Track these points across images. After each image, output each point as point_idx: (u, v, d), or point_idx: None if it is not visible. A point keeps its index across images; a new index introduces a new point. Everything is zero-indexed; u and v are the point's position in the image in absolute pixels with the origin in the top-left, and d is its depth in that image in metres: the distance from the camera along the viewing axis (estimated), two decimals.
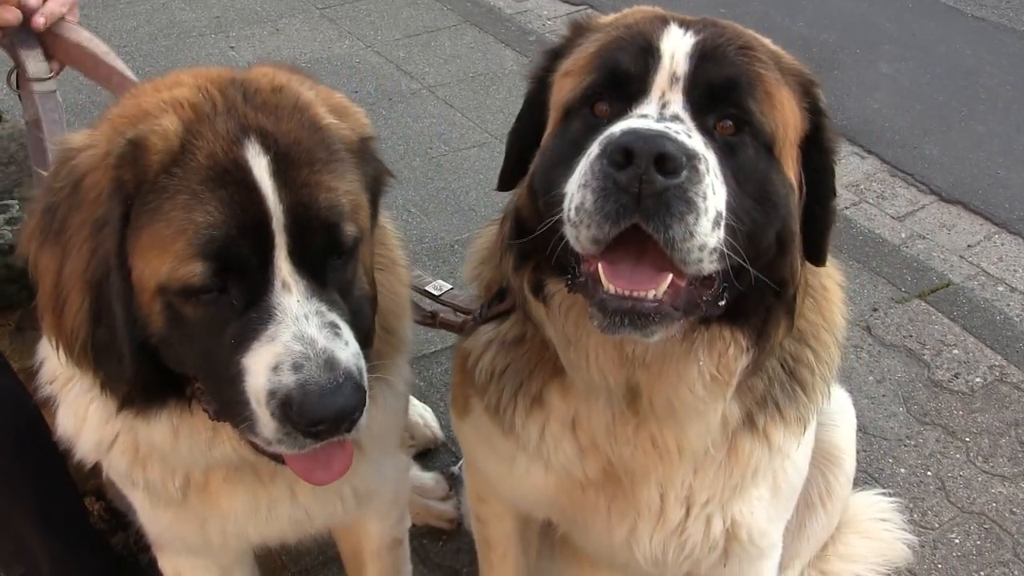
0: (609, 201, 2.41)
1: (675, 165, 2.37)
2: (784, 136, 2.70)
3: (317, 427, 2.57)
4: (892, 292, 6.78)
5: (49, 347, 3.23)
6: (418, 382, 5.85)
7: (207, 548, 3.48)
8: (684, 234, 2.40)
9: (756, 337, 2.82)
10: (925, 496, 5.33)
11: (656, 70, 2.63)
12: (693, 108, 2.60)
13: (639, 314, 2.52)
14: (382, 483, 3.67)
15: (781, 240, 2.72)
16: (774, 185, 2.68)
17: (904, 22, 10.39)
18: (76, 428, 3.20)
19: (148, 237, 2.61)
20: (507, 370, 3.22)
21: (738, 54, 2.68)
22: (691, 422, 2.98)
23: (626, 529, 3.28)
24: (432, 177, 7.85)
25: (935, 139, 8.58)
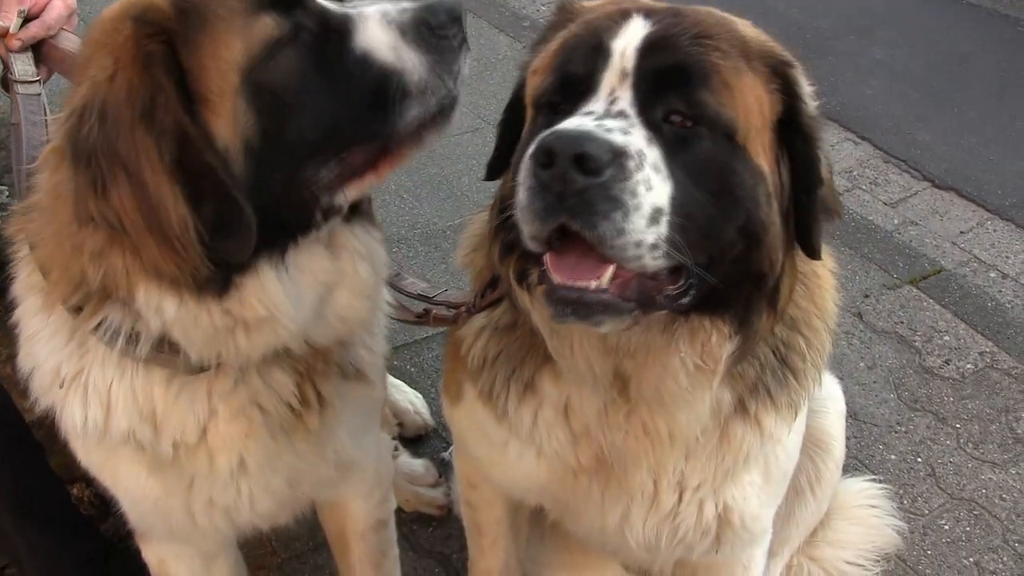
0: (538, 200, 2.44)
1: (595, 164, 2.38)
2: (748, 123, 2.64)
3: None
4: (884, 278, 6.78)
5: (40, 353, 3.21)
6: (409, 368, 5.86)
7: (189, 528, 3.44)
8: (613, 231, 2.41)
9: (738, 326, 2.80)
10: (915, 482, 5.34)
11: (605, 68, 2.62)
12: (640, 103, 2.58)
13: (584, 304, 2.55)
14: (362, 454, 3.64)
15: (750, 232, 2.68)
16: (736, 176, 2.63)
17: (898, 8, 10.41)
18: (101, 418, 3.10)
19: (209, 43, 2.65)
20: (500, 356, 3.22)
21: (691, 44, 2.62)
22: (680, 410, 2.97)
23: (619, 514, 3.28)
24: (425, 163, 7.82)
25: (928, 125, 8.59)
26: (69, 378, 3.12)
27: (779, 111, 2.74)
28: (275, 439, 3.21)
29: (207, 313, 2.77)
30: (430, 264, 6.70)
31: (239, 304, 2.78)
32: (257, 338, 2.88)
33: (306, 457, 3.35)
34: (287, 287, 2.82)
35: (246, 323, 2.82)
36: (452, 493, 4.91)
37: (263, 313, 2.81)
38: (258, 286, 2.77)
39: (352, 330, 3.12)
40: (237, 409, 3.10)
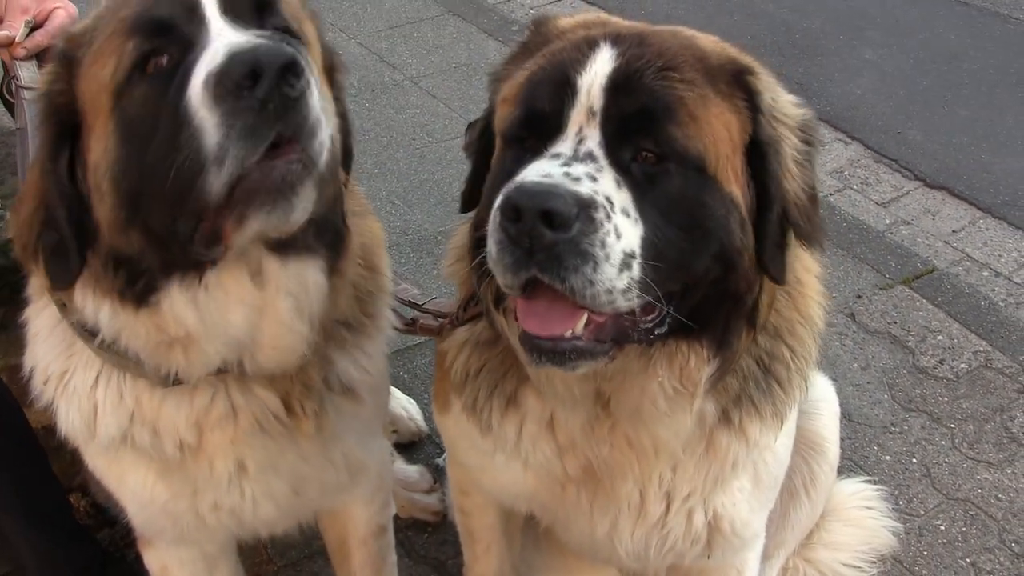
0: (507, 253, 2.46)
1: (562, 220, 2.38)
2: (717, 153, 2.62)
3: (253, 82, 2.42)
4: (876, 278, 6.78)
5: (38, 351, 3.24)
6: (402, 374, 5.86)
7: (198, 529, 3.47)
8: (583, 283, 2.42)
9: (717, 348, 2.80)
10: (910, 483, 5.33)
11: (572, 106, 2.60)
12: (608, 143, 2.57)
13: (557, 352, 2.58)
14: (369, 457, 3.68)
15: (725, 259, 2.67)
16: (707, 208, 2.62)
17: (887, 7, 10.40)
18: (88, 419, 3.18)
19: (90, 64, 2.74)
20: (482, 370, 3.22)
21: (656, 79, 2.60)
22: (661, 427, 2.97)
23: (607, 524, 3.28)
24: (415, 168, 7.84)
25: (919, 124, 8.58)
26: (56, 376, 3.20)
27: (749, 131, 2.73)
28: (273, 442, 3.23)
29: (142, 325, 2.86)
30: (422, 270, 6.70)
31: (160, 320, 2.85)
32: (191, 355, 2.93)
33: (311, 460, 3.37)
34: (203, 310, 2.84)
35: (174, 339, 2.89)
36: (447, 499, 4.91)
37: (179, 332, 2.87)
38: (170, 305, 2.82)
39: (288, 361, 3.03)
40: (221, 417, 3.13)
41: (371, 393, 3.42)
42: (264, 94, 2.41)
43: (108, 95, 2.71)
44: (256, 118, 2.43)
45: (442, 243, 6.69)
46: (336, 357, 3.28)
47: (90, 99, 2.77)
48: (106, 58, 2.72)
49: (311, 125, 2.51)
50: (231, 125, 2.43)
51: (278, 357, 2.99)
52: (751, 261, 2.73)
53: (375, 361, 3.40)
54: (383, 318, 3.48)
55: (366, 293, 3.37)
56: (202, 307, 2.83)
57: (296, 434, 3.24)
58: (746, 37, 9.34)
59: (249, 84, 2.40)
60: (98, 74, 2.73)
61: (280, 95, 2.43)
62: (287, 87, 2.43)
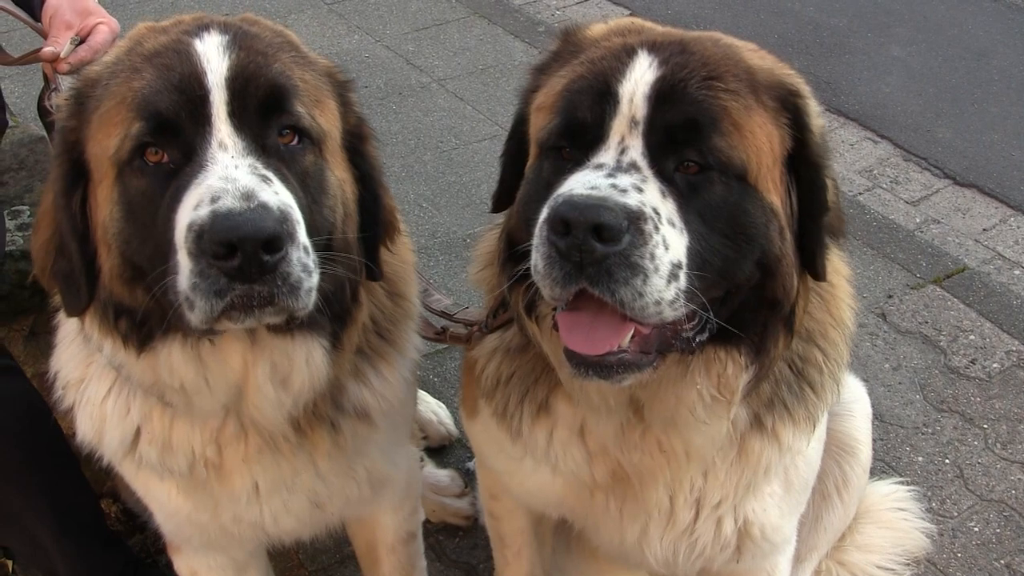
0: (555, 267, 2.46)
1: (613, 233, 2.39)
2: (759, 163, 2.64)
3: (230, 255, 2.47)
4: (907, 278, 6.74)
5: (62, 356, 3.28)
6: (432, 378, 5.87)
7: (224, 538, 3.51)
8: (633, 295, 2.43)
9: (755, 354, 2.81)
10: (943, 484, 5.30)
11: (614, 115, 2.59)
12: (652, 153, 2.56)
13: (604, 366, 2.58)
14: (394, 469, 3.69)
15: (764, 265, 2.69)
16: (749, 216, 2.63)
17: (915, 4, 10.33)
18: (97, 429, 3.23)
19: (96, 128, 2.79)
20: (513, 377, 3.22)
21: (701, 88, 2.61)
22: (695, 433, 2.97)
23: (637, 530, 3.28)
24: (443, 171, 7.84)
25: (948, 122, 8.52)
26: (74, 383, 3.26)
27: (789, 146, 2.74)
28: (286, 461, 3.25)
29: (140, 366, 2.93)
30: (451, 273, 6.71)
31: (157, 367, 2.91)
32: (187, 400, 2.98)
33: (330, 477, 3.38)
34: (196, 366, 2.90)
35: (168, 386, 2.94)
36: (477, 503, 4.91)
37: (172, 381, 2.93)
38: (167, 355, 2.88)
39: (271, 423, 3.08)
40: (231, 436, 3.16)
41: (385, 417, 3.40)
42: (237, 266, 2.47)
43: (112, 167, 2.77)
44: (227, 282, 2.50)
45: (470, 245, 6.68)
46: (348, 383, 3.27)
47: (95, 161, 2.84)
48: (111, 128, 2.77)
49: (289, 286, 2.56)
50: (203, 278, 2.51)
51: (261, 418, 3.05)
52: (789, 267, 2.73)
53: (392, 386, 3.38)
54: (406, 344, 3.46)
55: (388, 320, 3.37)
56: (199, 367, 2.90)
57: (313, 453, 3.26)
58: (773, 35, 9.35)
59: (224, 255, 2.46)
60: (103, 142, 2.79)
61: (257, 264, 2.49)
62: (267, 257, 2.49)
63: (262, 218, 2.48)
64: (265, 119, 2.76)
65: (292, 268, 2.54)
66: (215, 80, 2.72)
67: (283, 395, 2.98)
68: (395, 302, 3.40)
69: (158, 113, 2.70)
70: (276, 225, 2.48)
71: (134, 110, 2.73)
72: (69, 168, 2.89)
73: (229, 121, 2.69)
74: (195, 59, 2.75)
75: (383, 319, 3.34)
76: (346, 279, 2.96)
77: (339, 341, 3.03)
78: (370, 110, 8.37)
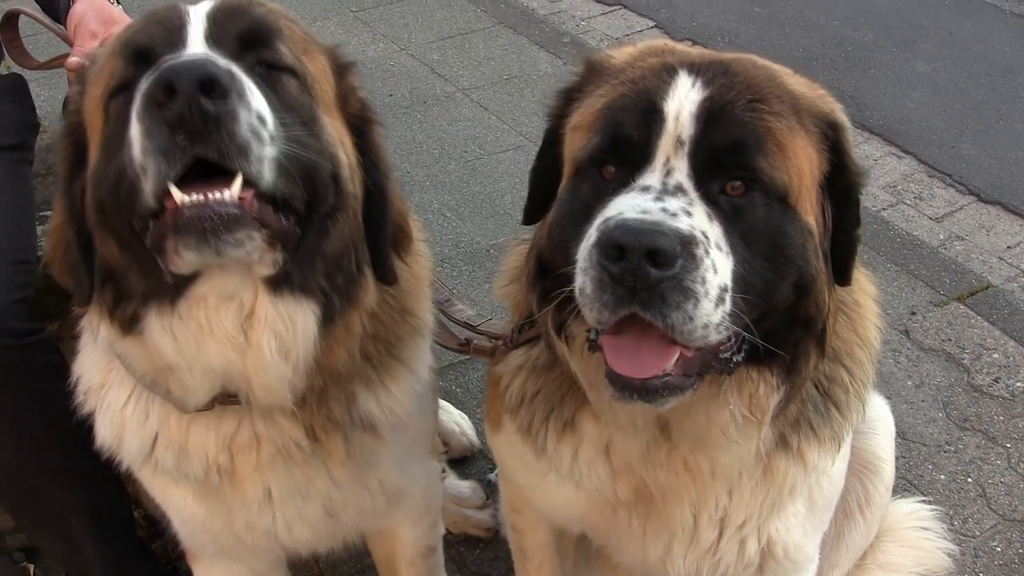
0: (606, 291, 2.44)
1: (668, 259, 2.38)
2: (799, 184, 2.64)
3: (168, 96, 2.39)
4: (930, 295, 6.73)
5: (84, 361, 3.30)
6: (454, 389, 5.88)
7: (238, 547, 3.51)
8: (684, 319, 2.43)
9: (786, 374, 2.80)
10: (966, 503, 5.29)
11: (660, 134, 2.58)
12: (698, 175, 2.56)
13: (648, 390, 2.57)
14: (410, 482, 3.68)
15: (801, 286, 2.69)
16: (789, 238, 2.63)
17: (940, 20, 10.32)
18: (116, 435, 3.25)
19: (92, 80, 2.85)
20: (538, 395, 3.22)
21: (747, 110, 2.60)
22: (724, 453, 2.97)
23: (660, 548, 3.27)
24: (467, 181, 7.85)
25: (973, 138, 8.50)
26: (95, 388, 3.28)
27: (826, 170, 2.75)
28: (299, 469, 3.24)
29: (135, 350, 2.93)
30: (474, 284, 6.72)
31: (146, 348, 2.89)
32: (182, 380, 2.95)
33: (344, 487, 3.37)
34: (179, 340, 2.84)
35: (163, 367, 2.93)
36: (499, 515, 4.92)
37: (160, 361, 2.91)
38: (150, 334, 2.84)
39: (276, 399, 2.99)
40: (244, 443, 3.16)
41: (394, 431, 3.37)
42: (177, 111, 2.39)
43: (99, 112, 2.78)
44: (171, 135, 2.42)
45: (494, 256, 6.74)
46: (360, 393, 3.25)
47: (88, 117, 2.84)
48: (101, 79, 2.79)
49: (237, 145, 2.46)
50: (149, 138, 2.44)
51: (265, 394, 2.96)
52: (823, 284, 2.75)
53: (401, 402, 3.34)
54: (414, 360, 3.41)
55: (395, 337, 3.33)
56: (179, 337, 2.83)
57: (327, 461, 3.26)
58: (798, 49, 9.36)
59: (163, 100, 2.39)
60: (94, 94, 2.81)
61: (199, 110, 2.39)
62: (207, 103, 2.40)
63: (202, 62, 2.45)
64: (245, 49, 2.75)
65: (239, 127, 2.44)
66: (196, 15, 2.75)
67: (283, 365, 2.89)
68: (403, 318, 3.37)
69: (136, 45, 2.72)
70: (217, 70, 2.42)
71: (118, 53, 2.76)
72: (72, 150, 2.90)
73: (205, 43, 2.69)
74: (181, 5, 2.80)
75: (390, 334, 3.31)
76: (351, 242, 2.92)
77: (335, 316, 2.95)
78: (395, 119, 8.42)
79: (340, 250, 2.89)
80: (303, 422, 3.14)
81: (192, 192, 2.48)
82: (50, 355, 3.91)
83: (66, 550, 4.33)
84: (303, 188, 2.67)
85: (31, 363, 3.79)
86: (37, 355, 3.83)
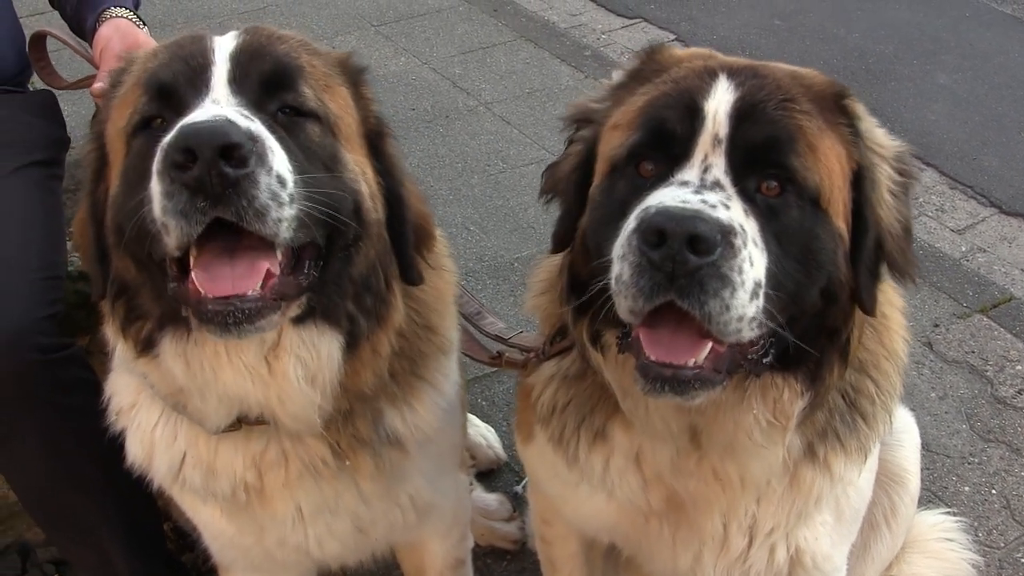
0: (644, 277, 2.46)
1: (708, 246, 2.41)
2: (831, 185, 2.68)
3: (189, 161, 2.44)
4: (953, 307, 6.73)
5: (117, 382, 3.34)
6: (480, 402, 5.90)
7: (269, 562, 3.56)
8: (720, 308, 2.46)
9: (810, 382, 2.83)
10: (990, 515, 5.30)
11: (700, 131, 2.63)
12: (735, 172, 2.60)
13: (679, 381, 2.58)
14: (440, 496, 3.70)
15: (829, 292, 2.72)
16: (820, 242, 2.67)
17: (961, 32, 10.31)
18: (147, 455, 3.30)
19: (113, 110, 2.92)
20: (570, 404, 3.25)
21: (778, 108, 2.65)
22: (752, 459, 3.00)
23: (691, 557, 3.30)
24: (490, 195, 7.88)
25: (994, 150, 8.49)
26: (126, 408, 3.32)
27: (853, 164, 2.77)
28: (328, 485, 3.28)
29: (153, 370, 2.99)
30: (499, 297, 6.74)
31: (162, 368, 2.94)
32: (195, 404, 3.00)
33: (373, 503, 3.40)
34: (192, 366, 2.89)
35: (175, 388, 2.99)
36: (526, 527, 4.94)
37: (173, 385, 2.97)
38: (164, 356, 2.90)
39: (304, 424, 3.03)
40: (272, 461, 3.19)
41: (421, 447, 3.40)
42: (197, 175, 2.44)
43: (122, 142, 2.84)
44: (191, 199, 2.47)
45: (518, 270, 6.78)
46: (386, 410, 3.28)
47: (111, 140, 2.92)
48: (123, 109, 2.86)
49: (255, 210, 2.51)
50: (170, 199, 2.49)
51: (293, 422, 3.01)
52: (849, 294, 2.77)
53: (426, 420, 3.37)
54: (440, 379, 3.44)
55: (419, 354, 3.35)
56: (192, 363, 2.89)
57: (356, 476, 3.28)
58: (819, 62, 9.35)
59: (184, 163, 2.44)
60: (117, 122, 2.87)
61: (219, 176, 2.45)
62: (227, 169, 2.45)
63: (223, 127, 2.49)
64: (267, 92, 2.80)
65: (258, 191, 2.49)
66: (220, 56, 2.79)
67: (311, 391, 2.95)
68: (427, 335, 3.39)
69: (159, 82, 2.78)
70: (239, 136, 2.46)
71: (143, 86, 2.82)
72: (98, 155, 2.99)
73: (228, 86, 2.74)
74: (206, 41, 2.86)
75: (414, 351, 3.33)
76: (377, 262, 2.98)
77: (362, 340, 3.01)
78: (417, 133, 8.46)
79: (366, 271, 2.96)
80: (329, 440, 3.18)
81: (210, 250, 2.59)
82: (81, 370, 3.95)
83: (97, 563, 4.35)
84: (324, 228, 2.74)
85: (62, 378, 3.83)
86: (68, 370, 3.87)
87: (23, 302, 3.70)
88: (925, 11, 10.72)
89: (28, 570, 4.92)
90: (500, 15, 10.60)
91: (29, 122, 4.47)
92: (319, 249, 2.78)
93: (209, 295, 2.58)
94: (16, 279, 3.74)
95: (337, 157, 2.87)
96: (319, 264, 2.81)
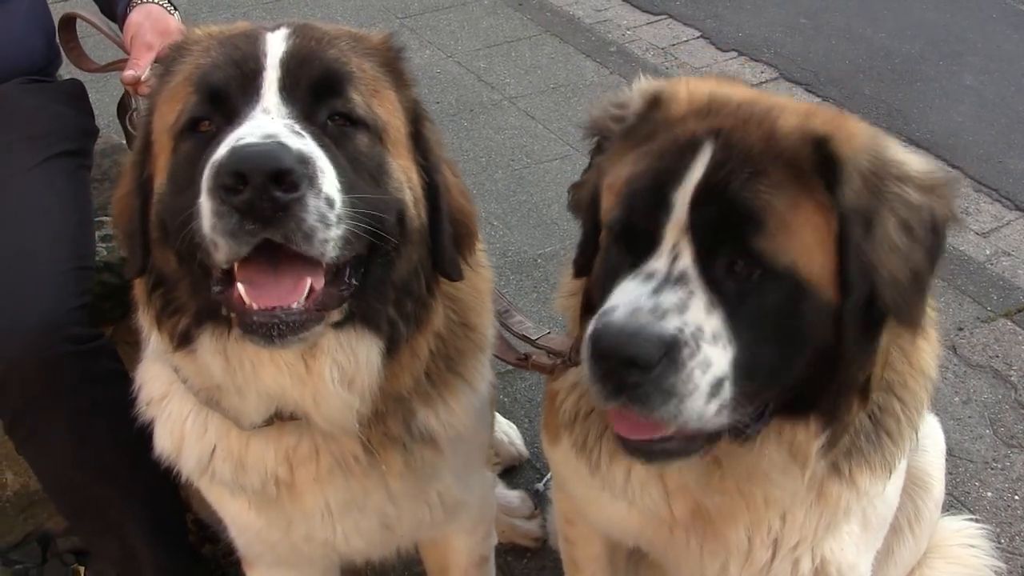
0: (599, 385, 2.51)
1: (645, 364, 2.42)
2: (810, 261, 2.53)
3: (239, 185, 2.46)
4: (978, 311, 6.70)
5: (147, 372, 3.35)
6: (502, 398, 5.90)
7: (295, 556, 3.57)
8: (669, 416, 2.47)
9: (826, 423, 2.79)
10: (1012, 521, 5.28)
11: (668, 221, 2.56)
12: (701, 259, 2.53)
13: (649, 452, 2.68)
14: (468, 493, 3.72)
15: (828, 358, 2.62)
16: (803, 318, 2.55)
17: (988, 33, 10.25)
18: (176, 446, 3.31)
19: (160, 104, 2.94)
20: (592, 412, 3.23)
21: (744, 188, 2.51)
22: (773, 488, 3.00)
23: (717, 567, 3.30)
24: (514, 190, 7.89)
25: (1020, 152, 8.43)
26: (157, 399, 3.33)
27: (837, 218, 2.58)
28: (357, 482, 3.28)
29: (188, 364, 3.00)
30: (522, 293, 6.74)
31: (199, 363, 2.96)
32: (233, 402, 3.03)
33: (402, 500, 3.42)
34: (232, 363, 2.92)
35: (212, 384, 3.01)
36: (547, 525, 4.95)
37: (208, 379, 2.99)
38: (202, 351, 2.93)
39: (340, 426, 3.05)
40: (304, 456, 3.20)
41: (453, 445, 3.41)
42: (247, 199, 2.47)
43: (169, 138, 2.86)
44: (240, 221, 2.50)
45: (542, 266, 6.79)
46: (419, 407, 3.28)
47: (157, 133, 2.94)
48: (173, 103, 2.87)
49: (306, 231, 2.53)
50: (219, 218, 2.51)
51: (326, 423, 3.03)
52: (855, 355, 2.69)
53: (459, 416, 3.37)
54: (475, 376, 3.45)
55: (456, 352, 3.36)
56: (232, 360, 2.91)
57: (386, 473, 3.29)
58: (844, 61, 9.34)
59: (234, 186, 2.46)
60: (165, 115, 2.89)
61: (270, 200, 2.47)
62: (277, 193, 2.47)
63: (275, 152, 2.50)
64: (317, 100, 2.81)
65: (307, 214, 2.52)
66: (271, 61, 2.80)
67: (348, 394, 2.97)
68: (465, 333, 3.40)
69: (210, 85, 2.79)
70: (290, 161, 2.48)
71: (193, 85, 2.83)
72: (150, 129, 3.01)
73: (279, 94, 2.75)
74: (259, 42, 2.86)
75: (451, 350, 3.34)
76: (419, 266, 3.00)
77: (402, 344, 3.03)
78: (441, 126, 8.23)
79: (407, 276, 2.97)
80: (361, 437, 3.18)
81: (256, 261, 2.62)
82: (110, 361, 3.98)
83: (121, 556, 4.37)
84: (368, 240, 2.75)
85: (92, 370, 3.85)
86: (98, 362, 3.89)
87: (55, 292, 3.73)
88: (952, 11, 10.66)
89: (48, 559, 4.94)
90: (525, 9, 10.61)
91: (58, 112, 4.48)
92: (361, 257, 2.80)
93: (254, 305, 2.62)
94: (47, 270, 3.76)
95: (384, 167, 2.88)
96: (360, 271, 2.83)
